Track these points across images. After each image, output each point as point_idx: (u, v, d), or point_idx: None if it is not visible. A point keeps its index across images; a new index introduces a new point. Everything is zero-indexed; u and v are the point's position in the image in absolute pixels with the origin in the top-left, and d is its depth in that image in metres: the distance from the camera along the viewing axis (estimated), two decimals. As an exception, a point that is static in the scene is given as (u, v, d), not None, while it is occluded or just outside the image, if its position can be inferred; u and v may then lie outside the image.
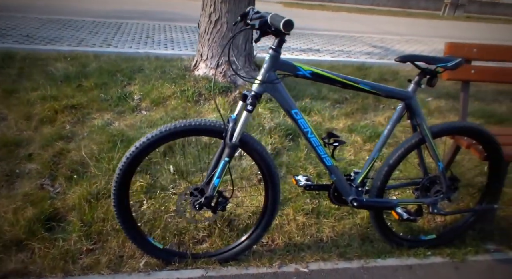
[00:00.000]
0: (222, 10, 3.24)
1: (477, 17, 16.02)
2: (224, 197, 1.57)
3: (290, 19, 1.25)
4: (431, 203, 1.74)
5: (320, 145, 1.58)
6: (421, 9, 17.23)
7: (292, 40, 7.11)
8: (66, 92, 3.13)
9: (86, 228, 1.79)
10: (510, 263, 1.89)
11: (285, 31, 1.25)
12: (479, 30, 11.74)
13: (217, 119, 1.49)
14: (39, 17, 6.55)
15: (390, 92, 1.59)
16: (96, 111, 2.92)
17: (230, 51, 1.51)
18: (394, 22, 11.98)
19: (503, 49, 2.15)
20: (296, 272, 1.70)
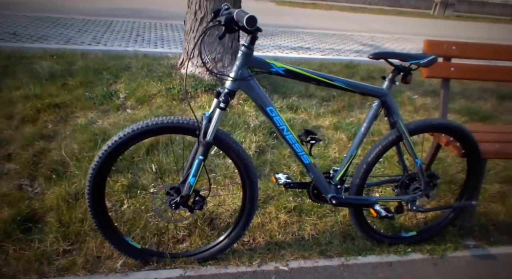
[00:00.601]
0: (208, 8, 3.20)
1: (466, 16, 16.12)
2: (201, 196, 1.54)
3: (253, 15, 1.22)
4: (410, 200, 1.73)
5: (297, 142, 1.56)
6: (412, 8, 17.30)
7: (283, 38, 7.09)
8: (50, 90, 3.07)
9: (63, 228, 1.75)
10: (489, 259, 1.89)
11: (248, 27, 1.23)
12: (468, 29, 11.81)
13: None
14: (27, 15, 6.45)
15: (365, 89, 1.57)
16: (80, 110, 2.87)
17: (202, 49, 1.47)
18: (385, 20, 12.00)
19: (483, 47, 2.15)
20: (275, 270, 1.68)
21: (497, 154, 1.89)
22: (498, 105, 4.17)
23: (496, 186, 2.45)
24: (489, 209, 2.26)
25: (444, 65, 2.13)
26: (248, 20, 1.22)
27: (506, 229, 2.12)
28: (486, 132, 2.08)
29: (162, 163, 2.29)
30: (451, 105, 3.97)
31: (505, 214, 2.22)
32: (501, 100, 4.35)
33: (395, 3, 17.28)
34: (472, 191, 1.88)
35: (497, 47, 2.18)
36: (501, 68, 2.19)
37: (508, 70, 2.19)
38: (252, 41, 1.39)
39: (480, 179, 1.86)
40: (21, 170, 2.13)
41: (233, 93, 1.42)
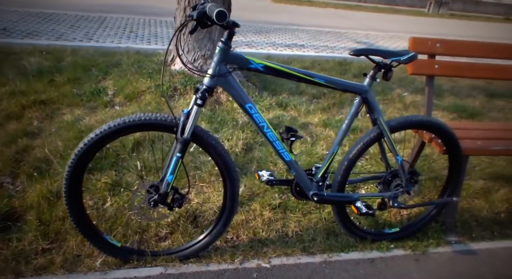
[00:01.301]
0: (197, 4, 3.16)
1: (460, 15, 16.15)
2: (180, 194, 1.52)
3: (223, 10, 1.20)
4: (391, 196, 1.72)
5: (277, 140, 1.54)
6: (407, 6, 17.28)
7: (277, 35, 7.06)
8: (37, 87, 3.03)
9: (43, 227, 1.72)
10: (470, 254, 1.89)
11: (218, 22, 1.20)
12: (462, 27, 11.82)
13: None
14: (18, 10, 6.36)
15: (346, 86, 1.55)
16: (66, 106, 2.83)
17: (179, 45, 1.44)
18: (380, 18, 11.98)
19: (467, 45, 2.14)
20: (257, 267, 1.67)
21: (479, 151, 1.88)
22: (486, 103, 4.18)
23: (480, 182, 2.45)
24: (473, 205, 2.26)
25: (428, 63, 2.12)
26: (217, 14, 1.19)
27: (488, 225, 2.12)
28: (469, 129, 2.07)
29: (147, 160, 2.26)
30: (440, 102, 3.98)
31: (487, 210, 2.22)
32: (490, 97, 4.35)
33: (390, 1, 17.26)
34: (454, 187, 1.88)
35: (481, 45, 2.16)
36: (485, 66, 2.19)
37: (492, 67, 2.18)
38: (229, 37, 1.36)
39: (461, 175, 1.85)
40: (2, 168, 2.09)
41: (211, 90, 1.40)
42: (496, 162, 2.77)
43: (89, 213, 1.82)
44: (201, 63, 3.31)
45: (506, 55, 2.16)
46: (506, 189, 2.40)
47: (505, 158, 2.80)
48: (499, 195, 2.34)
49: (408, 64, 2.08)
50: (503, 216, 2.21)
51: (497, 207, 2.26)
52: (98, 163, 2.17)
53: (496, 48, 2.17)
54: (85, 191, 1.98)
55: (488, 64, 2.18)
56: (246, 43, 6.06)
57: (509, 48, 2.15)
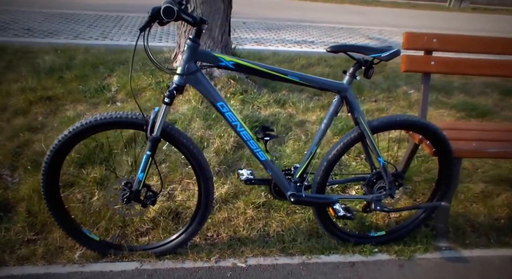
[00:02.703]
0: (197, 1, 3.12)
1: (483, 8, 15.34)
2: (152, 191, 1.49)
3: (169, 6, 1.13)
4: (374, 199, 1.63)
5: (252, 139, 1.48)
6: (427, 1, 16.57)
7: (288, 32, 6.93)
8: (46, 84, 3.08)
9: (31, 218, 1.74)
10: (460, 262, 1.76)
11: (165, 19, 1.14)
12: (484, 21, 11.21)
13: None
14: (43, 11, 6.52)
15: (323, 84, 1.46)
16: (70, 102, 2.86)
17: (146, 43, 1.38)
18: (397, 14, 11.56)
19: (465, 40, 1.98)
20: (233, 266, 1.62)
21: (473, 153, 1.75)
22: (500, 101, 3.93)
23: (480, 185, 2.30)
24: (469, 209, 2.11)
25: (424, 59, 1.98)
26: (164, 11, 1.13)
27: (485, 231, 1.98)
28: (465, 130, 1.93)
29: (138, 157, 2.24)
30: (449, 100, 3.78)
31: (485, 216, 2.07)
32: (505, 95, 4.09)
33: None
34: (444, 191, 1.75)
35: (482, 40, 2.01)
36: (486, 62, 2.02)
37: (494, 64, 2.02)
38: (197, 34, 1.30)
39: (452, 179, 1.72)
40: (3, 160, 2.13)
41: (180, 88, 1.35)
42: (502, 164, 2.59)
43: (76, 206, 1.83)
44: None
45: (509, 51, 1.99)
46: (508, 194, 2.24)
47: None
48: (500, 200, 2.18)
49: (402, 61, 1.98)
50: (503, 222, 2.06)
51: (497, 213, 2.10)
52: (91, 158, 2.18)
53: (499, 43, 2.00)
54: (75, 185, 1.99)
55: (489, 60, 2.02)
56: (255, 40, 5.98)
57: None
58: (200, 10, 3.15)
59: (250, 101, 3.11)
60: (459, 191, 2.25)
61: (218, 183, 2.10)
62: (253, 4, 10.46)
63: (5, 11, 6.18)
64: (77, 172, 2.07)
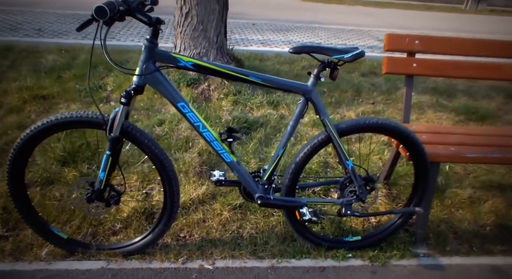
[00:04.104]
0: (192, 3, 3.11)
1: (501, 10, 14.85)
2: (116, 191, 1.47)
3: (101, 6, 1.10)
4: (344, 204, 1.57)
5: (216, 140, 1.45)
6: (443, 3, 16.16)
7: (296, 33, 6.87)
8: (44, 83, 3.13)
9: (6, 215, 1.75)
10: (437, 269, 1.68)
11: (97, 18, 1.12)
12: (501, 24, 10.84)
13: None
14: (57, 12, 6.66)
15: (287, 86, 1.42)
16: (64, 101, 2.90)
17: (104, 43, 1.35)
18: (410, 15, 11.33)
19: (448, 41, 1.90)
20: (199, 268, 1.59)
21: (450, 157, 1.66)
22: (505, 104, 3.77)
23: (468, 191, 2.19)
24: (454, 215, 2.02)
25: (405, 61, 1.91)
26: (96, 11, 1.11)
27: (468, 238, 1.89)
28: (447, 134, 1.85)
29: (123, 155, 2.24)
30: (450, 103, 3.65)
31: (470, 222, 1.98)
32: (509, 99, 3.92)
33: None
34: (420, 197, 1.67)
35: (467, 41, 1.92)
36: (471, 64, 1.94)
37: (479, 66, 1.93)
38: (154, 34, 1.28)
39: (428, 184, 1.64)
40: (-12, 157, 2.17)
41: (140, 88, 1.33)
42: (496, 169, 2.47)
43: (52, 204, 1.84)
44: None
45: (496, 53, 1.90)
46: (496, 200, 2.13)
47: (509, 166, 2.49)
48: (487, 206, 2.07)
49: (383, 62, 1.92)
50: (488, 229, 1.96)
51: (483, 220, 2.01)
52: (75, 156, 2.19)
53: (484, 44, 1.91)
54: (55, 183, 2.00)
55: (475, 62, 1.93)
56: (262, 41, 5.94)
57: (498, 44, 1.89)
58: (195, 11, 3.14)
59: (243, 102, 3.08)
60: (446, 196, 2.16)
61: (197, 183, 2.07)
62: (266, 6, 10.43)
63: (19, 12, 6.34)
64: (58, 170, 2.08)
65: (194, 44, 3.23)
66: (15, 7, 6.64)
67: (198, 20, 3.16)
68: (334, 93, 3.57)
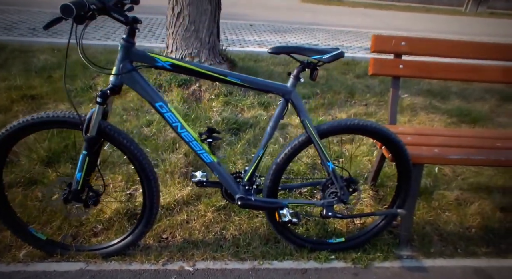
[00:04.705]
0: (184, 3, 3.12)
1: (501, 13, 14.86)
2: (94, 192, 1.47)
3: (67, 4, 1.10)
4: (325, 205, 1.56)
5: (195, 140, 1.44)
6: (443, 5, 16.19)
7: (294, 35, 6.87)
8: (33, 82, 3.13)
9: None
10: (419, 271, 1.67)
11: (63, 16, 1.12)
12: (500, 26, 10.85)
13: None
14: (54, 12, 6.66)
15: (266, 86, 1.41)
16: (53, 101, 2.90)
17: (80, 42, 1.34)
18: (410, 17, 11.33)
19: (435, 43, 1.90)
20: (179, 270, 1.58)
21: (434, 159, 1.66)
22: (498, 107, 3.77)
23: (455, 193, 2.19)
24: (440, 217, 2.02)
25: (392, 62, 1.91)
26: (61, 9, 1.10)
27: (453, 240, 1.88)
28: (432, 135, 1.84)
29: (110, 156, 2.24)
30: (443, 105, 3.65)
31: (455, 224, 1.97)
32: (503, 101, 3.93)
33: (425, 0, 16.24)
34: (403, 198, 1.67)
35: (455, 43, 1.92)
36: (458, 66, 1.94)
37: (466, 68, 1.93)
38: (130, 33, 1.28)
39: (411, 186, 1.64)
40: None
41: (116, 88, 1.33)
42: (484, 171, 2.47)
43: (34, 205, 1.83)
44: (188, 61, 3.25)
45: (482, 55, 1.90)
46: (483, 202, 2.13)
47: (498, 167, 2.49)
48: (473, 208, 2.07)
49: (369, 64, 1.91)
50: (473, 231, 1.95)
51: (468, 222, 2.00)
52: (60, 157, 2.19)
53: (472, 47, 1.90)
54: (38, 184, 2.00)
55: (462, 64, 1.93)
56: (258, 42, 5.94)
57: (484, 47, 1.89)
58: (187, 11, 3.14)
59: (234, 103, 3.08)
60: (434, 198, 2.16)
61: (182, 184, 2.07)
62: (265, 7, 10.45)
63: (16, 11, 6.34)
64: (42, 170, 2.07)
65: (186, 45, 3.23)
66: (13, 6, 6.64)
67: (190, 20, 3.16)
68: (327, 94, 3.57)
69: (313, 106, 3.30)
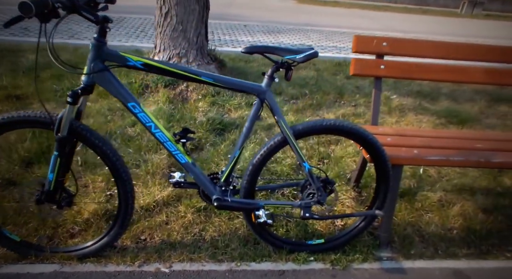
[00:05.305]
0: (171, 3, 3.11)
1: (496, 15, 14.93)
2: (67, 193, 1.45)
3: (25, 1, 1.08)
4: (303, 206, 1.55)
5: (169, 141, 1.43)
6: (440, 7, 16.25)
7: (287, 35, 6.87)
8: (20, 82, 3.11)
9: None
10: (398, 273, 1.67)
11: (22, 14, 1.10)
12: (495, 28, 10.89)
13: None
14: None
15: (240, 86, 1.41)
16: (38, 101, 2.88)
17: (50, 41, 1.33)
18: (405, 19, 11.36)
19: (416, 44, 1.90)
20: (155, 272, 1.57)
21: (412, 160, 1.65)
22: (487, 108, 3.78)
23: (438, 194, 2.18)
24: (422, 218, 2.01)
25: (373, 63, 1.90)
26: (19, 6, 1.09)
27: (434, 242, 1.87)
28: (413, 136, 1.84)
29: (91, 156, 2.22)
30: (433, 106, 3.65)
31: (437, 225, 1.97)
32: (493, 102, 3.93)
33: (422, 2, 16.31)
34: (382, 199, 1.66)
35: (436, 44, 1.91)
36: (440, 67, 1.93)
37: (447, 69, 1.93)
38: (101, 32, 1.27)
39: (390, 187, 1.63)
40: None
41: (88, 88, 1.32)
42: (469, 172, 2.47)
43: (11, 206, 1.82)
44: (175, 61, 3.25)
45: (463, 56, 1.90)
46: (465, 203, 2.12)
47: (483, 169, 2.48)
48: (456, 210, 2.06)
49: (351, 64, 1.91)
50: (455, 233, 1.95)
51: (450, 223, 2.00)
52: (41, 157, 2.17)
53: (454, 48, 1.90)
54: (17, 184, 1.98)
55: (443, 65, 1.93)
56: (252, 43, 5.94)
57: (466, 47, 1.89)
58: (174, 11, 3.13)
59: (221, 103, 3.07)
60: (417, 199, 2.15)
61: (163, 185, 2.05)
62: (262, 7, 10.45)
63: (9, 11, 6.30)
64: (22, 171, 2.06)
65: (174, 45, 3.22)
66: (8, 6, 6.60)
67: (177, 20, 3.15)
68: (316, 95, 3.56)
69: (300, 107, 3.29)
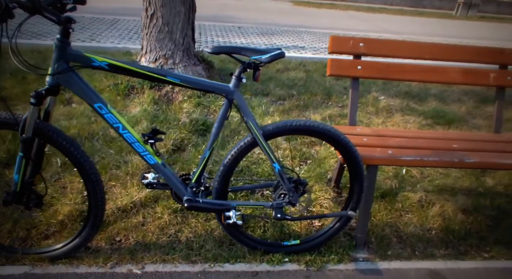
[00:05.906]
0: (157, 4, 3.10)
1: (491, 17, 14.94)
2: (36, 194, 1.44)
3: None
4: (275, 207, 1.53)
5: (138, 141, 1.42)
6: (435, 9, 16.27)
7: (281, 37, 6.87)
8: (6, 84, 3.10)
9: None
10: (373, 274, 1.65)
11: None
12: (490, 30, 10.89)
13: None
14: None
15: (207, 86, 1.39)
16: (23, 103, 2.86)
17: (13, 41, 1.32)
18: (400, 21, 11.36)
19: (393, 44, 1.88)
20: (127, 273, 1.55)
21: (386, 160, 1.63)
22: (475, 109, 3.76)
23: (419, 194, 2.17)
24: (401, 219, 1.99)
25: (350, 63, 1.89)
26: None
27: (411, 242, 1.86)
28: (389, 137, 1.82)
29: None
30: (420, 106, 3.64)
31: (415, 226, 1.95)
32: (481, 103, 3.92)
33: (417, 4, 16.32)
34: (356, 200, 1.64)
35: (412, 45, 1.90)
36: (416, 67, 1.92)
37: (423, 69, 1.91)
38: (64, 33, 1.25)
39: (363, 187, 1.61)
40: None
41: (53, 88, 1.30)
42: (452, 173, 2.45)
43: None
44: (162, 62, 3.24)
45: (440, 56, 1.88)
46: (445, 204, 2.11)
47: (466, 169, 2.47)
48: (435, 210, 2.05)
49: (327, 65, 1.90)
50: (434, 233, 1.93)
51: (429, 223, 1.98)
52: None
53: (429, 48, 1.90)
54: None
55: (419, 66, 1.91)
56: (245, 44, 5.93)
57: (442, 48, 1.88)
58: (160, 13, 3.12)
59: (207, 104, 3.05)
60: (398, 200, 2.14)
61: (141, 186, 2.04)
62: (258, 10, 10.45)
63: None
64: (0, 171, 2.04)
65: (160, 46, 3.21)
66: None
67: (163, 21, 3.14)
68: (303, 96, 3.55)
69: (287, 108, 3.27)
